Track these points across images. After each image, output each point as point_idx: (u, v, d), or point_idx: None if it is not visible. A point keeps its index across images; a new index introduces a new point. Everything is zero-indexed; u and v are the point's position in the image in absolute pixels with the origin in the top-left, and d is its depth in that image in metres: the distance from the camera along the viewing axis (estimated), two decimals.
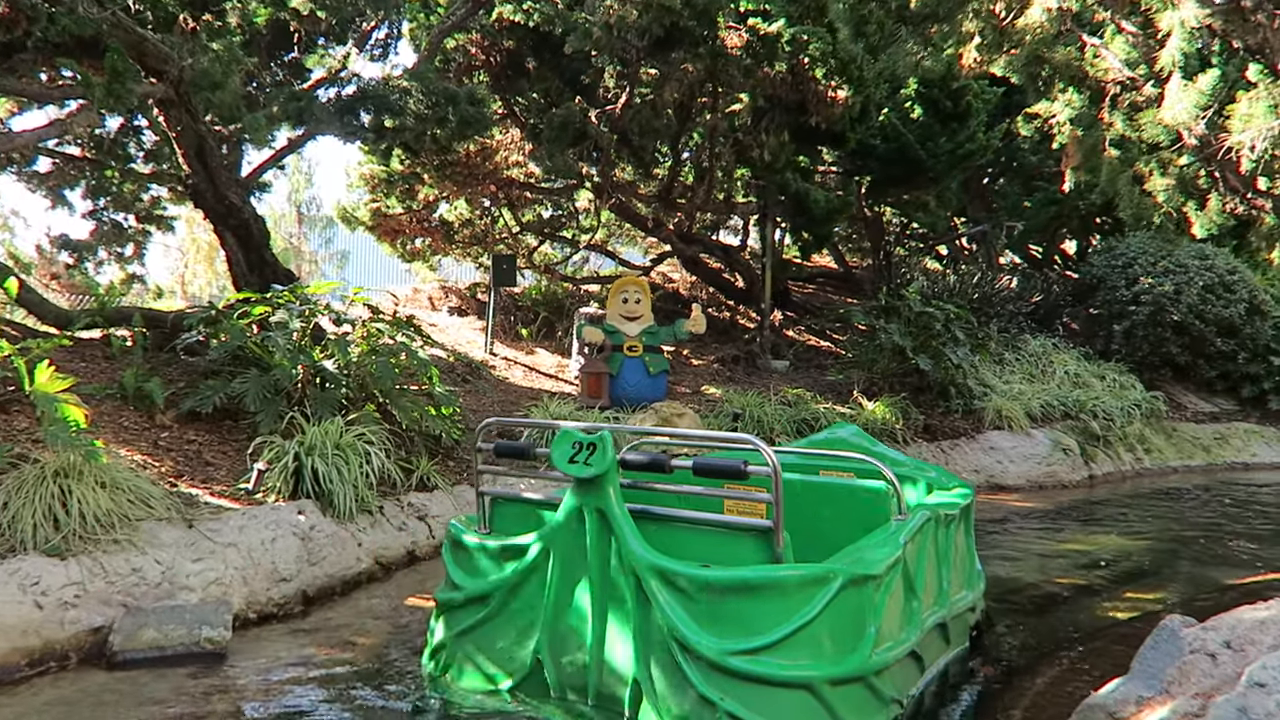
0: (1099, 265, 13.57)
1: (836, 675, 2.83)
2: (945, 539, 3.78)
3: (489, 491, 3.59)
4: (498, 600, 3.24)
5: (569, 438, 3.04)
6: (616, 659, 3.04)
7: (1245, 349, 13.46)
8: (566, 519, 3.09)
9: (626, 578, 2.98)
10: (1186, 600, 5.35)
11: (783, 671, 2.77)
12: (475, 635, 3.31)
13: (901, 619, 3.26)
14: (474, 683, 3.31)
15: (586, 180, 9.80)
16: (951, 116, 11.39)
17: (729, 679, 2.79)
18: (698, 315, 8.73)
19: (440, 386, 6.74)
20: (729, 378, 10.86)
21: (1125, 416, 11.85)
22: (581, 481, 3.02)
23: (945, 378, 10.63)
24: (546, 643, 3.15)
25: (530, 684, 3.20)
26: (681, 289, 13.45)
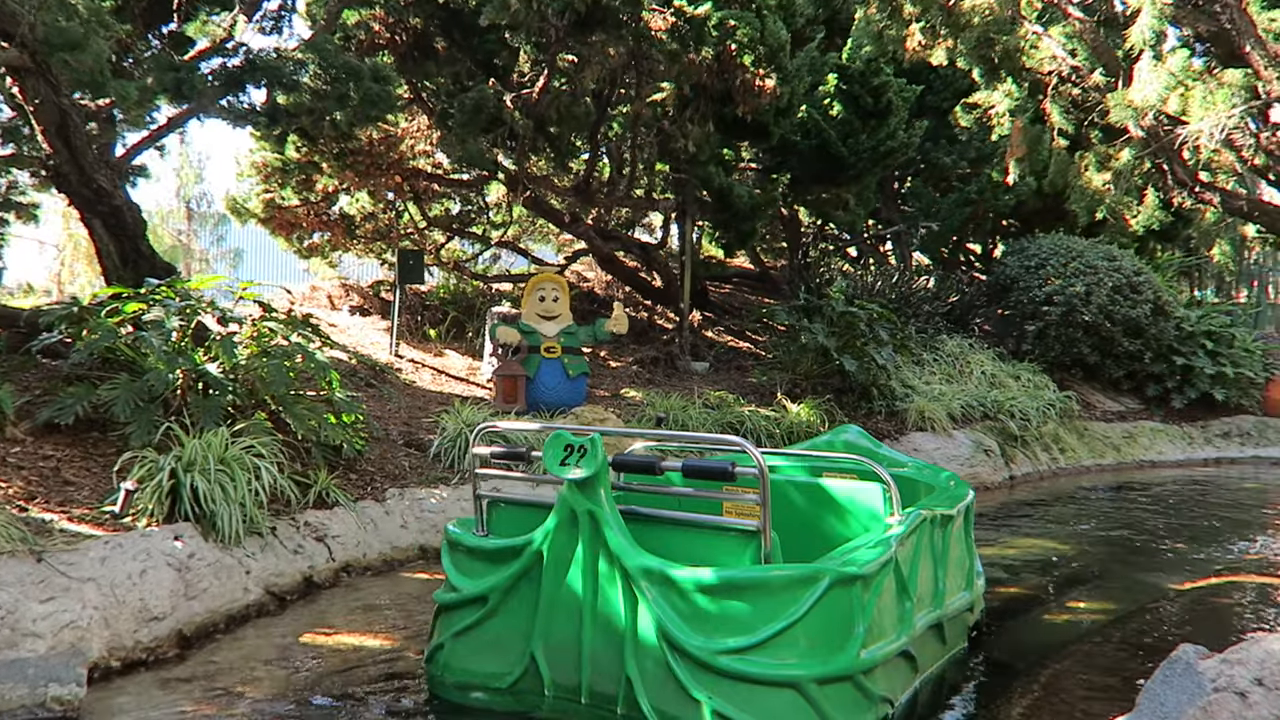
0: (1012, 266, 13.63)
1: (823, 674, 2.85)
2: (942, 540, 3.78)
3: (485, 495, 3.65)
4: (494, 601, 3.30)
5: (560, 440, 3.08)
6: (608, 658, 3.08)
7: (1150, 349, 13.71)
8: (559, 521, 3.13)
9: (617, 578, 3.03)
10: (1141, 607, 5.19)
11: (769, 671, 2.82)
12: (472, 635, 3.37)
13: (893, 619, 3.27)
14: (472, 681, 3.36)
15: (499, 172, 9.22)
16: (872, 113, 11.21)
17: (716, 678, 2.84)
18: (619, 314, 8.27)
19: (341, 391, 6.10)
20: (649, 380, 10.43)
21: (1040, 417, 11.89)
22: (573, 484, 3.05)
23: (868, 379, 10.43)
24: (541, 642, 3.20)
25: (526, 683, 3.24)
26: (597, 288, 12.97)
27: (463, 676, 3.40)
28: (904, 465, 4.67)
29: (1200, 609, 5.17)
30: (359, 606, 4.81)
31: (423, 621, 4.52)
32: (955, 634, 3.98)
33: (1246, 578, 5.91)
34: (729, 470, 3.09)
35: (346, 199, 10.56)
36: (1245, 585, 5.75)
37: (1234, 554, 6.74)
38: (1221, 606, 5.24)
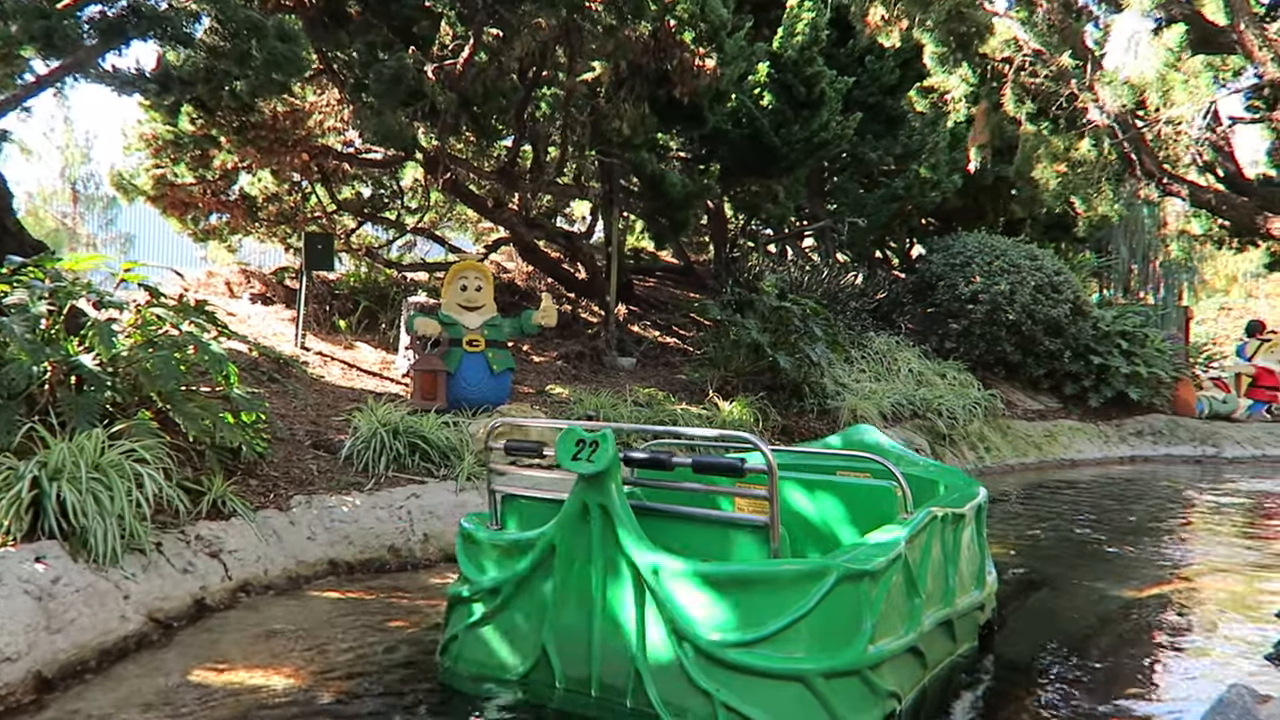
0: (938, 263, 13.58)
1: (830, 668, 2.87)
2: (953, 538, 3.81)
3: (500, 489, 3.67)
4: (506, 593, 3.33)
5: (573, 435, 3.09)
6: (617, 651, 3.10)
7: (1069, 348, 13.84)
8: (571, 514, 3.15)
9: (627, 572, 3.06)
10: (1104, 618, 4.95)
11: (777, 664, 2.85)
12: (485, 627, 3.40)
13: (901, 615, 3.29)
14: (484, 673, 3.40)
15: (417, 151, 8.57)
16: (805, 104, 10.92)
17: (725, 671, 2.87)
18: (548, 306, 7.74)
19: (239, 387, 5.43)
20: (575, 376, 9.93)
21: (967, 415, 11.82)
22: (585, 478, 3.07)
23: (800, 376, 10.14)
24: (552, 635, 3.23)
25: (537, 674, 3.27)
26: (518, 279, 12.39)
27: (475, 668, 3.44)
28: (916, 464, 4.66)
29: (1166, 615, 4.96)
30: (260, 634, 4.20)
31: (335, 651, 3.96)
32: (965, 632, 3.97)
33: (1201, 582, 5.77)
34: (739, 466, 3.14)
35: (247, 178, 9.74)
36: (1203, 589, 5.60)
37: (1177, 556, 6.65)
38: (1191, 612, 5.03)
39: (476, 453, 6.44)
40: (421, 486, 5.92)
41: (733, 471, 3.21)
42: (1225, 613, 5.06)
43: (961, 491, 4.26)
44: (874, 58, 13.87)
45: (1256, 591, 5.60)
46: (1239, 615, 4.98)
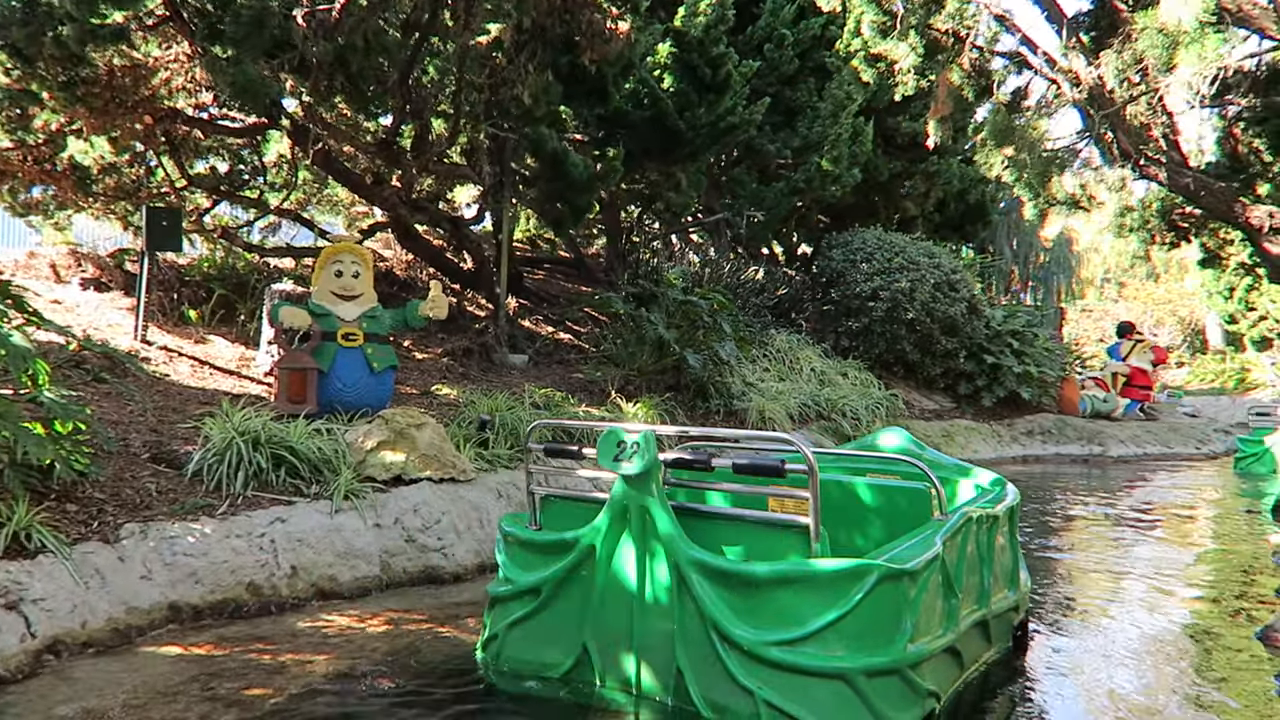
0: (837, 259, 13.22)
1: (871, 667, 2.88)
2: (987, 540, 3.80)
3: (539, 490, 3.71)
4: (547, 592, 3.37)
5: (614, 436, 3.13)
6: (658, 649, 3.14)
7: (965, 347, 13.73)
8: (612, 515, 3.19)
9: (669, 571, 3.10)
10: (1054, 626, 4.47)
11: (818, 662, 2.87)
12: (526, 626, 3.45)
13: (939, 615, 3.29)
14: (526, 671, 3.45)
15: (283, 118, 7.46)
16: (710, 86, 10.29)
17: (767, 669, 2.90)
18: (438, 295, 6.81)
19: (52, 390, 4.33)
20: (463, 374, 8.99)
21: (870, 416, 11.47)
22: (626, 479, 3.10)
23: (706, 376, 9.51)
24: (593, 633, 3.27)
25: (578, 673, 3.33)
26: (397, 269, 11.31)
27: (517, 666, 3.50)
28: (948, 468, 4.61)
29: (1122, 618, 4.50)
30: (68, 715, 3.19)
31: None
32: (1000, 633, 3.97)
33: (1132, 582, 5.38)
34: (780, 467, 3.11)
35: (79, 144, 8.36)
36: (1132, 589, 5.20)
37: (1096, 555, 6.33)
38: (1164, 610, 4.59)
39: (355, 465, 5.48)
40: (288, 508, 4.93)
41: (774, 472, 3.14)
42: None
43: (994, 493, 4.24)
44: (773, 46, 13.41)
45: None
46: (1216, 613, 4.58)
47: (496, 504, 5.93)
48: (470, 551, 5.46)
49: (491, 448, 6.68)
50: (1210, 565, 6.37)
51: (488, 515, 5.75)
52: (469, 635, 4.20)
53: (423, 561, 5.22)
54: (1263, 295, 23.81)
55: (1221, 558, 6.67)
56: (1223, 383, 27.81)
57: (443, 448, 5.87)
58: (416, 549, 5.23)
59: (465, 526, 5.55)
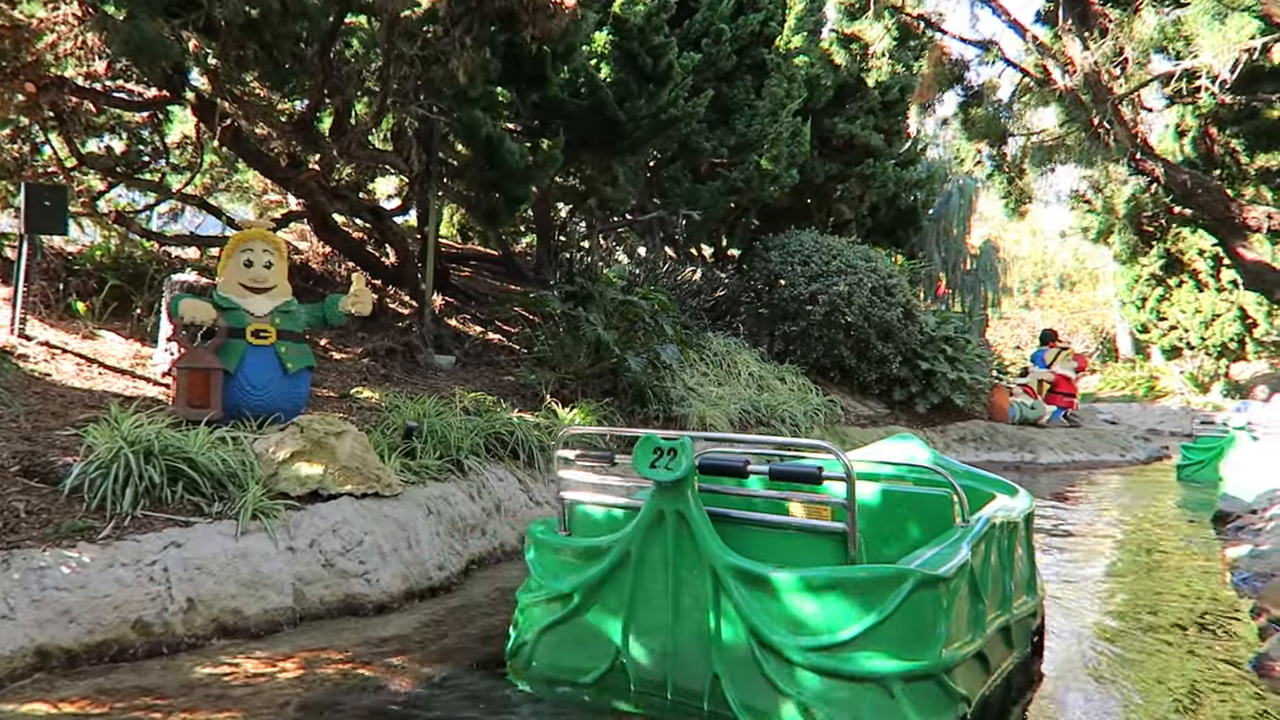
0: (775, 261, 12.90)
1: (909, 671, 2.88)
2: (1008, 546, 3.83)
3: (569, 496, 3.70)
4: (580, 598, 3.36)
5: (651, 443, 3.12)
6: (694, 654, 3.13)
7: (900, 353, 13.57)
8: (647, 521, 3.16)
9: (705, 577, 3.08)
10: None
11: (858, 667, 2.86)
12: (558, 632, 3.44)
13: (969, 621, 3.29)
14: (557, 677, 3.44)
15: (188, 90, 6.72)
16: (651, 77, 9.84)
17: (806, 674, 2.90)
18: (361, 289, 6.17)
19: None
20: (385, 376, 8.34)
21: (809, 422, 11.18)
22: (662, 485, 3.08)
23: (645, 380, 9.05)
24: (627, 639, 3.27)
25: (611, 679, 3.30)
26: (313, 262, 10.54)
27: (549, 671, 3.48)
28: (961, 475, 4.50)
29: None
30: None
31: None
32: (1020, 638, 3.98)
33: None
34: (818, 474, 3.10)
35: None
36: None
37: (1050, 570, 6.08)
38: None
39: (265, 479, 4.84)
40: (186, 530, 4.27)
41: (811, 479, 3.12)
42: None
43: (1010, 500, 4.23)
44: (710, 41, 13.03)
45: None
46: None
47: (426, 522, 5.34)
48: (397, 576, 4.87)
49: (419, 457, 6.08)
50: (1167, 581, 6.17)
51: (416, 535, 5.17)
52: (397, 679, 3.65)
53: (343, 589, 4.61)
54: (1173, 305, 24.54)
55: (1177, 578, 6.48)
56: (1133, 390, 28.63)
57: (365, 458, 5.26)
58: (336, 575, 4.62)
59: (391, 548, 4.96)
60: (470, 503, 6.05)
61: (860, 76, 14.51)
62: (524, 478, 7.01)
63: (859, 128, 14.73)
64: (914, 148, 16.71)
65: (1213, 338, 23.09)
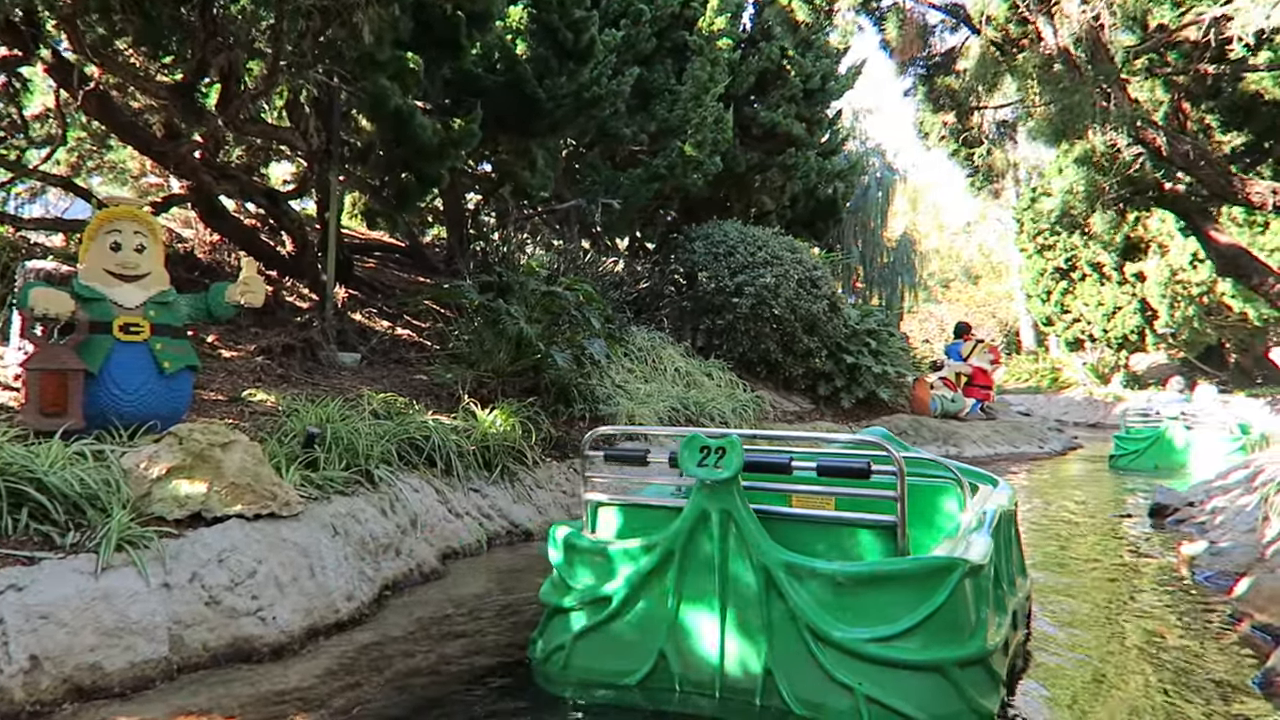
0: (699, 253, 12.41)
1: (962, 657, 2.94)
2: (1010, 533, 3.99)
3: (594, 497, 3.76)
4: (620, 600, 3.33)
5: (698, 441, 3.15)
6: (746, 651, 3.15)
7: (826, 346, 13.25)
8: (692, 520, 3.18)
9: (756, 574, 3.10)
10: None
11: (916, 656, 2.91)
12: (597, 634, 3.39)
13: (997, 606, 3.39)
14: (597, 680, 3.40)
15: (40, 46, 5.77)
16: (572, 53, 9.20)
17: (866, 665, 2.94)
18: (252, 277, 5.38)
19: None
20: (282, 377, 7.51)
21: (737, 419, 10.72)
22: (707, 484, 3.11)
23: (569, 377, 8.43)
24: (672, 639, 3.25)
25: (655, 679, 3.29)
26: (199, 251, 9.56)
27: (586, 675, 3.42)
28: (928, 464, 4.45)
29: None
30: None
31: None
32: (1022, 620, 4.10)
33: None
34: (867, 469, 3.23)
35: None
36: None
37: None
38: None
39: (135, 501, 4.05)
40: (30, 570, 3.48)
41: (860, 474, 3.27)
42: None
43: (996, 490, 4.29)
44: (629, 22, 12.46)
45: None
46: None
47: (331, 544, 4.62)
48: (298, 611, 4.14)
49: (323, 469, 5.34)
50: (1129, 584, 5.87)
51: (320, 560, 4.44)
52: None
53: (231, 631, 3.86)
54: (1076, 299, 25.11)
55: (1137, 578, 6.20)
56: (1037, 382, 29.28)
57: (258, 473, 4.51)
58: (222, 614, 3.87)
59: (290, 578, 4.22)
60: (383, 519, 5.33)
61: (782, 64, 14.16)
62: (442, 488, 6.32)
63: (781, 116, 14.37)
64: (835, 138, 16.47)
65: (1114, 330, 23.67)
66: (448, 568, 5.68)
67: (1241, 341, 21.91)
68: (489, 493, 6.83)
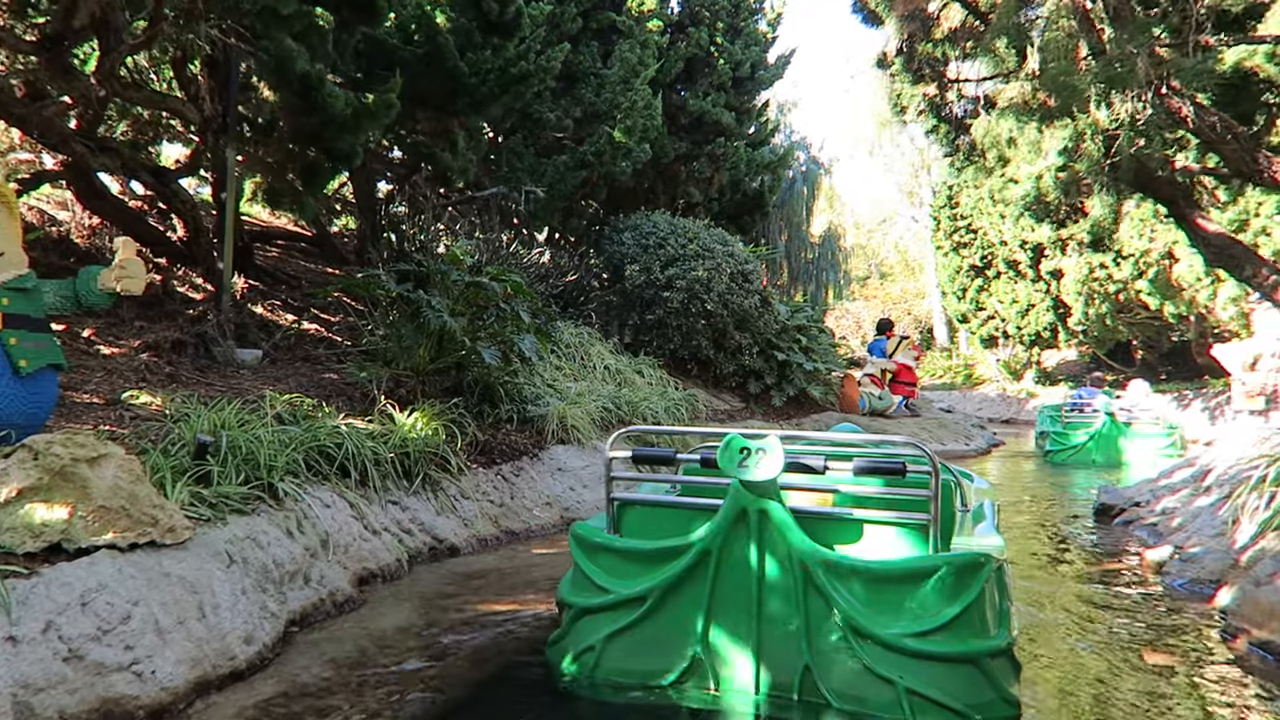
0: (628, 244, 11.84)
1: (994, 649, 3.05)
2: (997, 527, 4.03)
3: (619, 497, 3.74)
4: (654, 600, 3.33)
5: (737, 443, 3.14)
6: (784, 648, 3.18)
7: (756, 343, 12.85)
8: (729, 519, 3.19)
9: (795, 572, 3.14)
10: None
11: (954, 648, 3.00)
12: (630, 635, 3.39)
13: (1008, 598, 3.48)
14: (631, 681, 3.41)
15: None
16: (497, 26, 8.52)
17: (906, 659, 3.01)
18: (130, 259, 4.56)
19: None
20: (170, 376, 6.66)
21: (670, 419, 10.20)
22: (744, 483, 3.13)
23: (495, 376, 7.78)
24: (707, 638, 3.27)
25: (690, 678, 3.32)
26: (76, 235, 8.55)
27: (619, 676, 3.43)
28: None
29: None
30: None
31: None
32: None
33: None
34: (903, 469, 3.31)
35: None
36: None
37: None
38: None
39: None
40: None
41: (896, 472, 3.33)
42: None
43: (981, 487, 4.56)
44: (554, 3, 11.82)
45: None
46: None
47: (226, 576, 3.89)
48: (184, 661, 3.41)
49: (217, 484, 4.59)
50: (1099, 592, 5.53)
51: (212, 597, 3.71)
52: None
53: (98, 692, 3.13)
54: (991, 296, 25.41)
55: (1106, 585, 5.88)
56: (951, 378, 29.64)
57: (135, 493, 3.75)
58: (87, 671, 3.13)
59: (175, 620, 3.50)
60: (288, 541, 4.61)
61: (711, 50, 13.70)
62: (357, 501, 5.60)
63: (710, 104, 13.90)
64: (764, 129, 16.09)
65: (1028, 327, 24.01)
66: (365, 594, 4.99)
67: (1149, 338, 22.44)
68: (410, 505, 6.14)
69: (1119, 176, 4.90)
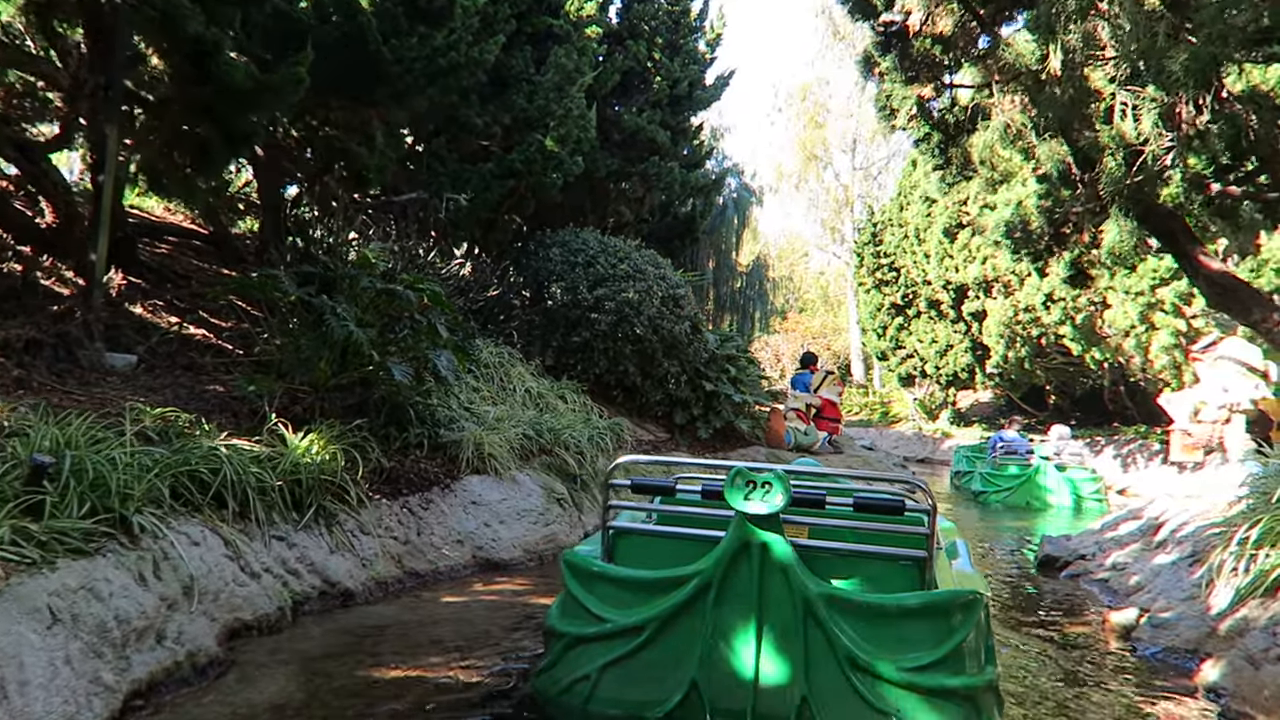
0: (555, 260, 11.14)
1: (985, 683, 3.16)
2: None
3: (615, 525, 3.79)
4: (652, 629, 3.32)
5: (744, 476, 3.17)
6: (781, 680, 3.17)
7: (685, 371, 12.26)
8: (730, 551, 3.19)
9: (795, 605, 3.14)
10: None
11: (951, 682, 3.05)
12: (626, 665, 3.39)
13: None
14: (624, 711, 3.37)
15: None
16: (426, 13, 7.78)
17: (904, 693, 3.04)
18: None
19: None
20: (21, 382, 5.68)
21: (594, 449, 9.49)
22: (746, 516, 3.14)
23: (406, 395, 6.99)
24: (703, 669, 3.24)
25: (684, 710, 3.27)
26: None
27: (613, 706, 3.40)
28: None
29: None
30: None
31: None
32: None
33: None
34: (902, 506, 3.43)
35: None
36: None
37: None
38: None
39: None
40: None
41: (895, 510, 3.42)
42: None
43: (944, 525, 4.54)
44: (489, 1, 11.13)
45: None
46: None
47: (46, 639, 3.05)
48: None
49: (52, 516, 3.71)
50: (1055, 648, 5.03)
51: (20, 672, 2.86)
52: None
53: None
54: (911, 335, 25.47)
55: (1065, 644, 5.39)
56: (868, 415, 29.65)
57: None
58: None
59: None
60: (138, 589, 3.75)
61: (649, 65, 13.19)
62: (234, 537, 4.74)
63: (645, 121, 13.36)
64: (699, 151, 15.63)
65: (946, 367, 24.09)
66: (235, 653, 4.14)
67: (1063, 384, 22.72)
68: (298, 541, 5.29)
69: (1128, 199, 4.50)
